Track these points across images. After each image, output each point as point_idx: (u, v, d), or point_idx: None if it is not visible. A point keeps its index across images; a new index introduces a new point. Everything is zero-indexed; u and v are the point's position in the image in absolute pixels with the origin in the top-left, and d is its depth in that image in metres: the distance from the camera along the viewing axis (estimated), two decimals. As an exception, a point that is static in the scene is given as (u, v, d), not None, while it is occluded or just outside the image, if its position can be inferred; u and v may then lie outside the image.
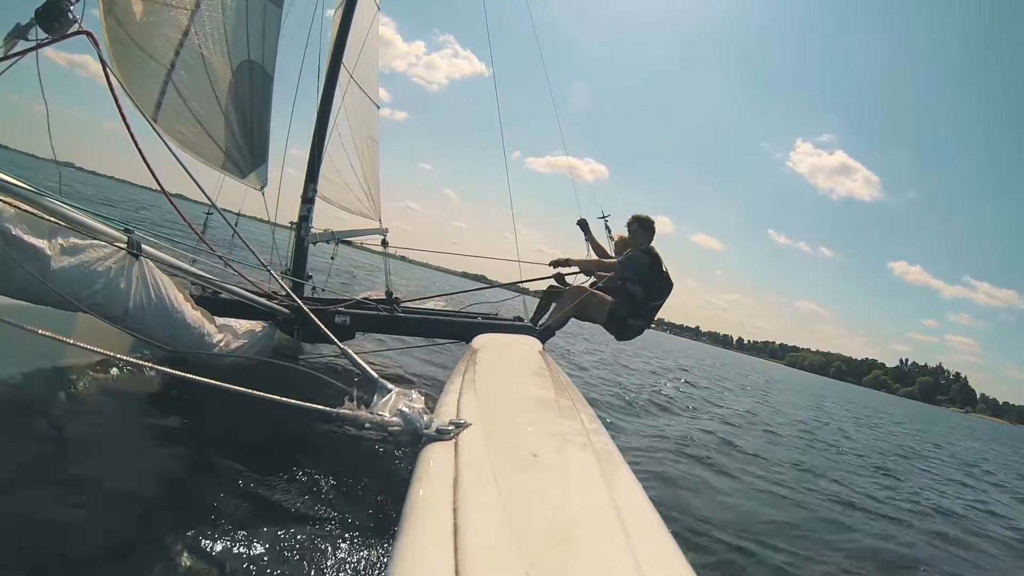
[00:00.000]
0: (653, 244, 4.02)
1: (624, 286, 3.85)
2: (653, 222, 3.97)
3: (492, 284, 5.76)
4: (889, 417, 23.68)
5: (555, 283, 4.45)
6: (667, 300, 3.99)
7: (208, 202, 2.99)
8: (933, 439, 16.77)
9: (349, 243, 5.26)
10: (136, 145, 2.23)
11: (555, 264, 4.18)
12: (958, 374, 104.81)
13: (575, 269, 4.11)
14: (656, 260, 3.82)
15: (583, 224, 4.59)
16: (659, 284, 3.86)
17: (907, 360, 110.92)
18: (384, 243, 5.35)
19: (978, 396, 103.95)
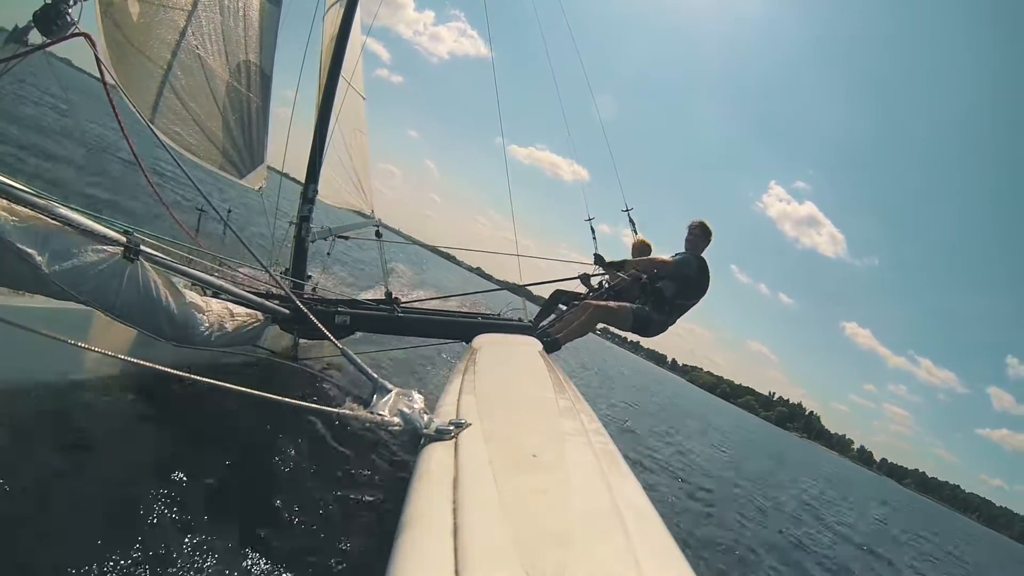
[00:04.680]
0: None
1: (653, 284, 3.92)
2: (712, 233, 3.99)
3: (501, 286, 5.72)
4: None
5: (581, 283, 4.41)
6: (698, 304, 4.04)
7: (208, 204, 2.99)
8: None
9: (346, 238, 5.22)
10: (132, 148, 2.23)
11: (605, 264, 4.18)
12: (811, 412, 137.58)
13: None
14: (703, 267, 3.91)
15: (600, 261, 4.37)
16: (695, 288, 3.93)
17: (773, 393, 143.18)
18: (378, 234, 5.21)
19: (855, 447, 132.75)
